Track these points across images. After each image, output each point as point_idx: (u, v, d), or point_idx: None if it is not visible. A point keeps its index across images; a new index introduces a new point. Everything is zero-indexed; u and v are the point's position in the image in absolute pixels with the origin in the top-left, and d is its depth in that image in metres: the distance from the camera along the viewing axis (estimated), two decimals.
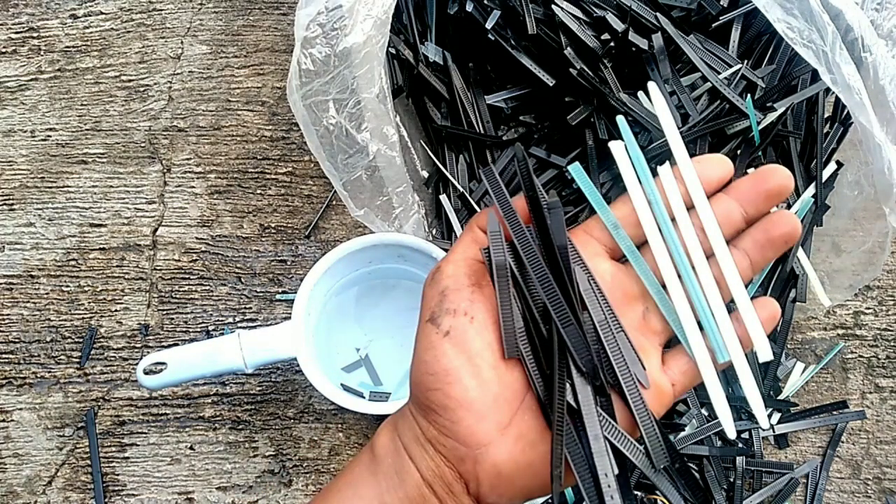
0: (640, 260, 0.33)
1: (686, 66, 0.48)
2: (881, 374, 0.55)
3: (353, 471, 0.33)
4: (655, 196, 0.33)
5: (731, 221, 0.33)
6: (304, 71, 0.45)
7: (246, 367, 0.46)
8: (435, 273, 0.33)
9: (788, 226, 0.32)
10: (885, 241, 0.47)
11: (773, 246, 0.32)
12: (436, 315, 0.31)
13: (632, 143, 0.34)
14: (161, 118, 0.59)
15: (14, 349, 0.55)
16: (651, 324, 0.33)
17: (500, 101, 0.51)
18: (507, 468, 0.30)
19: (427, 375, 0.31)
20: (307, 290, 0.48)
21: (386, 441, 0.32)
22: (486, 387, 0.30)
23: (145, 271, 0.57)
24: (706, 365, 0.32)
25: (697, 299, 0.32)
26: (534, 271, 0.31)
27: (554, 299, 0.31)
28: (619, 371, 0.30)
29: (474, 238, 0.34)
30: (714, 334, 0.32)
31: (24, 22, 0.61)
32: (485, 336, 0.31)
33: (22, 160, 0.59)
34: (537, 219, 0.32)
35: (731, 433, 0.32)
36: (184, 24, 0.61)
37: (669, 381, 0.32)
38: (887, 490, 0.53)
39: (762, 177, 0.32)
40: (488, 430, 0.30)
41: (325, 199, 0.57)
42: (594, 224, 0.34)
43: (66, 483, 0.53)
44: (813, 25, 0.42)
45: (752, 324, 0.32)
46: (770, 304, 0.33)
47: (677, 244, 0.33)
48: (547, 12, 0.47)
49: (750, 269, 0.33)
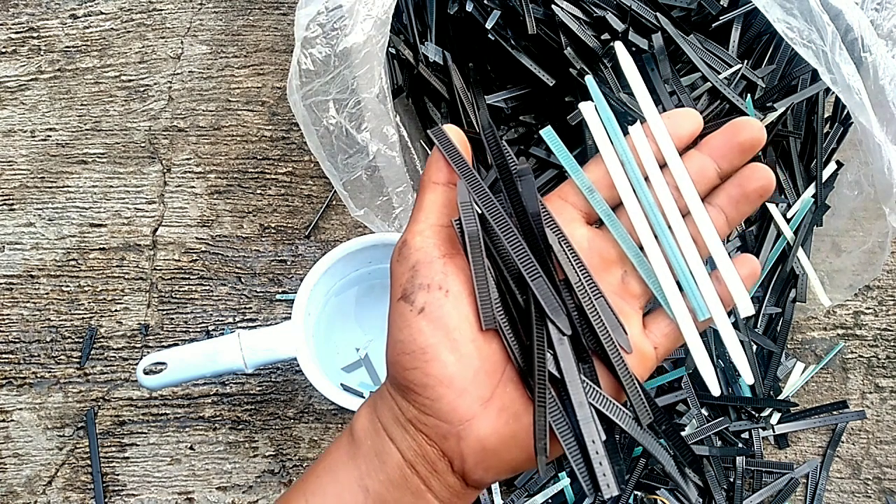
0: (616, 223, 0.32)
1: (686, 66, 0.48)
2: (881, 374, 0.55)
3: (332, 455, 0.32)
4: (628, 156, 0.32)
5: (705, 178, 0.32)
6: (304, 71, 0.45)
7: (246, 367, 0.46)
8: (402, 247, 0.31)
9: (763, 179, 0.31)
10: (885, 241, 0.47)
11: (749, 200, 0.32)
12: (408, 292, 0.30)
13: (601, 103, 0.33)
14: (161, 118, 0.59)
15: (14, 349, 0.55)
16: (630, 287, 0.32)
17: (500, 101, 0.51)
18: (492, 442, 0.29)
19: (403, 355, 0.30)
20: (307, 290, 0.48)
21: (365, 423, 0.31)
22: (465, 361, 0.29)
23: (145, 271, 0.57)
24: (688, 326, 0.31)
25: (675, 260, 0.31)
26: (507, 240, 0.30)
27: (529, 267, 0.30)
28: (601, 336, 0.30)
29: (435, 199, 0.32)
30: (694, 294, 0.31)
31: (24, 22, 0.61)
32: (461, 309, 0.30)
33: (22, 160, 0.59)
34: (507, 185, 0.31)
35: (715, 390, 0.31)
36: (184, 24, 0.61)
37: (652, 345, 0.31)
38: (887, 490, 0.53)
39: (734, 130, 0.32)
40: (470, 405, 0.29)
41: (325, 199, 0.57)
42: (569, 189, 0.33)
43: (66, 483, 0.53)
44: (813, 25, 0.42)
45: (731, 280, 0.31)
46: (750, 260, 0.32)
47: (652, 204, 0.32)
48: (547, 12, 0.47)
49: (726, 226, 0.32)
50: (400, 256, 0.31)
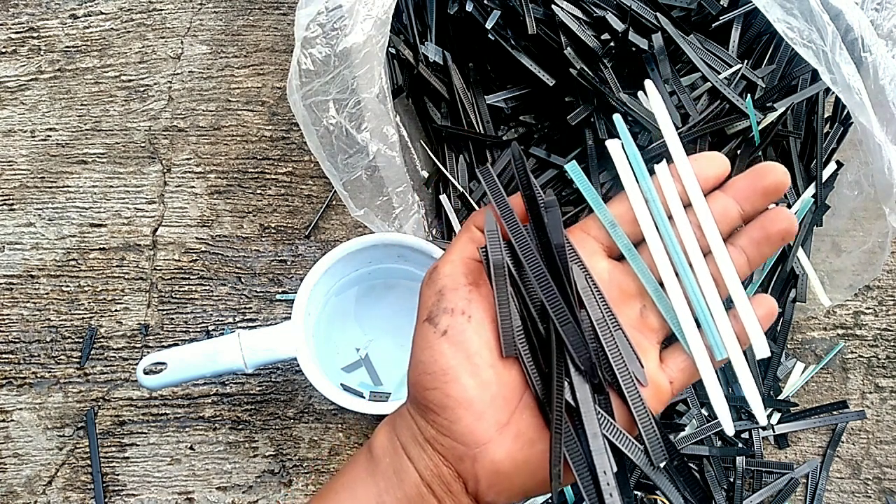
0: (637, 258, 0.33)
1: (686, 66, 0.48)
2: (881, 374, 0.55)
3: (351, 471, 0.33)
4: (652, 194, 0.33)
5: (728, 219, 0.33)
6: (304, 71, 0.45)
7: (246, 367, 0.46)
8: (432, 273, 0.33)
9: (785, 222, 0.32)
10: (885, 241, 0.47)
11: (770, 243, 0.32)
12: (433, 315, 0.31)
13: (628, 141, 0.34)
14: (161, 118, 0.59)
15: (14, 349, 0.55)
16: (649, 321, 0.33)
17: (500, 101, 0.51)
18: (506, 466, 0.30)
19: (425, 375, 0.31)
20: (307, 290, 0.48)
21: (384, 441, 0.32)
22: (484, 386, 0.30)
23: (145, 271, 0.57)
24: (704, 362, 0.32)
25: (695, 297, 0.32)
26: (531, 270, 0.31)
27: (552, 298, 0.31)
28: (618, 369, 0.30)
29: (471, 237, 0.33)
30: (712, 332, 0.32)
31: (24, 22, 0.61)
32: (483, 335, 0.31)
33: (22, 160, 0.59)
34: (534, 218, 0.32)
35: (730, 430, 0.32)
36: (184, 24, 0.61)
37: (668, 379, 0.32)
38: (887, 490, 0.53)
39: (759, 174, 0.32)
40: (487, 429, 0.30)
41: (325, 199, 0.57)
42: (591, 223, 0.34)
43: (66, 483, 0.53)
44: (813, 25, 0.42)
45: (749, 321, 0.32)
46: (767, 301, 0.33)
47: (674, 242, 0.33)
48: (547, 12, 0.47)
49: (747, 266, 0.33)
50: (429, 281, 0.32)
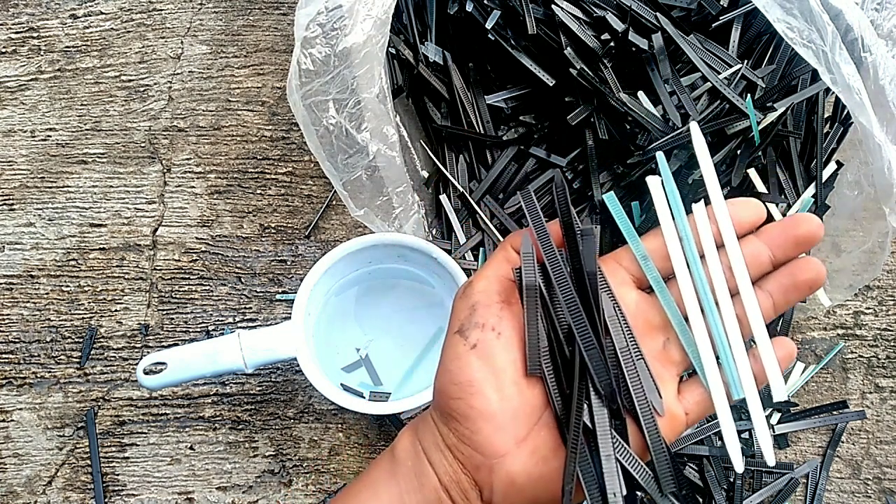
0: (665, 292, 0.34)
1: (686, 66, 0.48)
2: (881, 374, 0.55)
3: (373, 473, 0.34)
4: (687, 232, 0.34)
5: (758, 263, 0.34)
6: (304, 71, 0.45)
7: (246, 367, 0.46)
8: (466, 287, 0.34)
9: (814, 272, 0.33)
10: (885, 241, 0.47)
11: (798, 290, 0.33)
12: (465, 328, 0.33)
13: (668, 178, 0.35)
14: (161, 118, 0.59)
15: (14, 349, 0.55)
16: (670, 354, 0.34)
17: (500, 101, 0.51)
18: (521, 479, 0.31)
19: (452, 385, 0.32)
20: (307, 290, 0.48)
21: (407, 445, 0.34)
22: (507, 400, 0.31)
23: (145, 271, 0.57)
24: (720, 398, 0.33)
25: (718, 335, 0.33)
26: (562, 294, 0.33)
27: (579, 323, 0.32)
28: (636, 397, 0.31)
29: (507, 257, 0.35)
30: (731, 370, 0.33)
31: (24, 22, 0.61)
32: (510, 352, 0.32)
33: (22, 160, 0.59)
34: (570, 243, 0.33)
35: (739, 468, 0.33)
36: (184, 24, 0.61)
37: (683, 410, 0.33)
38: (887, 490, 0.53)
39: (793, 223, 0.33)
40: (505, 442, 0.31)
41: (325, 199, 0.57)
42: (624, 254, 0.35)
43: (66, 483, 0.53)
44: (813, 25, 0.42)
45: (769, 362, 0.33)
46: (787, 344, 0.34)
47: (703, 280, 0.33)
48: (547, 12, 0.47)
49: (772, 311, 0.34)
50: (463, 295, 0.34)
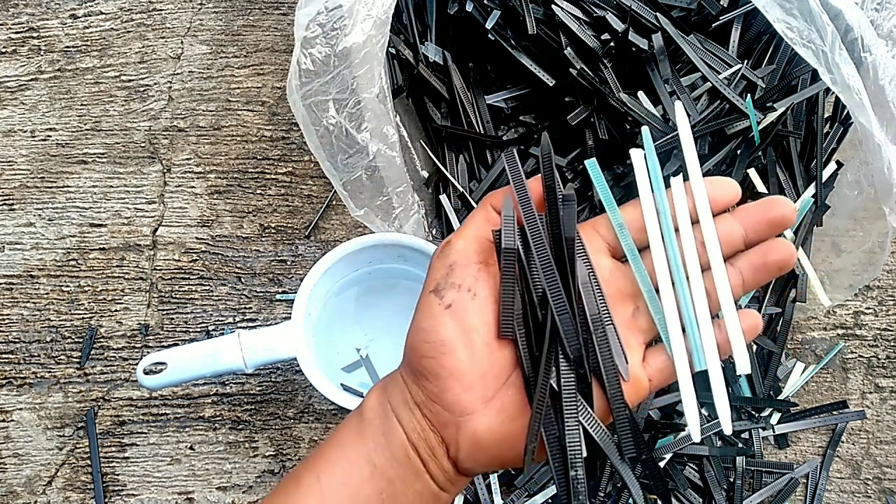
0: (638, 262, 0.34)
1: (686, 66, 0.48)
2: (881, 374, 0.55)
3: (341, 433, 0.34)
4: (664, 206, 0.35)
5: (731, 241, 0.34)
6: (304, 71, 0.45)
7: (246, 367, 0.46)
8: (445, 246, 0.34)
9: (784, 253, 0.34)
10: (885, 241, 0.47)
11: (768, 270, 0.34)
12: (440, 287, 0.33)
13: (651, 153, 0.36)
14: (161, 118, 0.59)
15: (14, 349, 0.55)
16: (639, 322, 0.34)
17: (500, 101, 0.51)
18: (486, 437, 0.32)
19: (423, 343, 0.32)
20: (307, 290, 0.48)
21: (374, 404, 0.34)
22: (477, 361, 0.32)
23: (145, 271, 0.57)
24: (683, 367, 0.33)
25: (685, 306, 0.34)
26: (539, 258, 0.33)
27: (553, 287, 0.33)
28: (603, 361, 0.32)
29: (487, 216, 0.35)
30: (695, 340, 0.33)
31: (24, 22, 0.61)
32: (484, 313, 0.33)
33: (22, 160, 0.59)
34: (550, 208, 0.34)
35: (696, 436, 0.33)
36: (184, 24, 0.61)
37: (647, 377, 0.34)
38: (887, 490, 0.53)
39: (768, 205, 0.34)
40: (473, 401, 0.32)
41: (325, 199, 0.57)
42: (601, 222, 0.36)
43: (66, 483, 0.53)
44: (812, 25, 0.42)
45: (734, 334, 0.33)
46: (753, 315, 0.34)
47: (676, 253, 0.34)
48: (547, 12, 0.47)
49: (741, 287, 0.34)
50: (441, 254, 0.34)
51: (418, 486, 0.33)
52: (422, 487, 0.33)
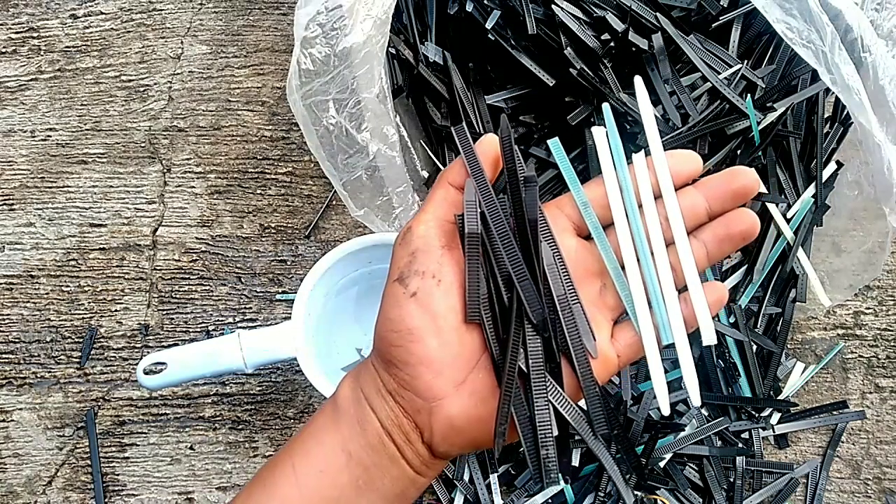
0: (603, 239, 0.35)
1: (686, 66, 0.48)
2: (881, 374, 0.55)
3: (316, 422, 0.35)
4: (627, 183, 0.35)
5: (694, 214, 0.34)
6: (304, 71, 0.45)
7: (246, 367, 0.46)
8: (405, 233, 0.34)
9: (747, 223, 0.34)
10: (885, 241, 0.47)
11: (731, 240, 0.34)
12: (404, 276, 0.33)
13: (613, 130, 0.35)
14: (161, 118, 0.59)
15: (14, 349, 0.55)
16: (606, 299, 0.34)
17: (500, 101, 0.51)
18: (459, 421, 0.32)
19: (392, 332, 0.32)
20: (307, 290, 0.48)
21: (347, 393, 0.34)
22: (446, 347, 0.32)
23: (145, 271, 0.57)
24: (650, 342, 0.33)
25: (651, 282, 0.34)
26: (502, 241, 0.33)
27: (518, 269, 0.32)
28: (571, 339, 0.32)
29: (446, 196, 0.34)
30: (662, 316, 0.33)
31: (24, 22, 0.61)
32: (450, 298, 0.32)
33: (22, 160, 0.59)
34: (513, 190, 0.33)
35: (665, 409, 0.33)
36: (184, 24, 0.61)
37: (616, 353, 0.34)
38: (887, 490, 0.53)
39: (731, 176, 0.34)
40: (444, 386, 0.32)
41: (325, 199, 0.57)
42: (566, 201, 0.36)
43: (66, 483, 0.53)
44: (812, 26, 0.42)
45: (699, 306, 0.33)
46: (718, 288, 0.34)
47: (640, 229, 0.34)
48: (547, 12, 0.47)
49: (706, 260, 0.34)
50: (403, 241, 0.34)
51: (394, 472, 0.33)
52: (398, 473, 0.33)
